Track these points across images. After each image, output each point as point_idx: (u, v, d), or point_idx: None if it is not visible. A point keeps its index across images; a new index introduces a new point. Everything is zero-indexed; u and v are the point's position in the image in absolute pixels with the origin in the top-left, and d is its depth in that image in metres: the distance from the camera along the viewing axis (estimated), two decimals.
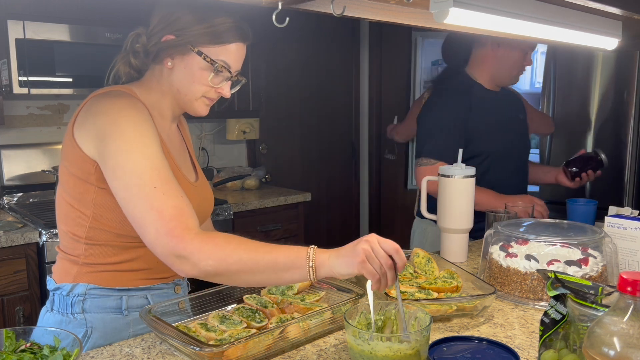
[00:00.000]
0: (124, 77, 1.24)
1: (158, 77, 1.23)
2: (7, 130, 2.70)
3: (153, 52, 1.19)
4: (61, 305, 1.23)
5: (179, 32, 1.17)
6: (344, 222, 4.32)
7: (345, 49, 4.17)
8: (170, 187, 1.08)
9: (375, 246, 0.99)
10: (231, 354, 1.01)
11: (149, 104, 1.22)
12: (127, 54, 1.22)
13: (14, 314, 2.21)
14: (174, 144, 1.30)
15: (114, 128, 1.10)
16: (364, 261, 0.98)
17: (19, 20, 2.27)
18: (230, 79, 1.23)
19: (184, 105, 1.25)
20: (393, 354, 0.90)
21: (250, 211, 2.93)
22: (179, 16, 1.17)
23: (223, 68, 1.19)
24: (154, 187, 1.06)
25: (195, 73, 1.19)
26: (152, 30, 1.19)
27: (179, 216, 1.05)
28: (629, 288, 0.72)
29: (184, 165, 1.32)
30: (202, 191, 1.34)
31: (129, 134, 1.10)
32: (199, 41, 1.17)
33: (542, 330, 0.93)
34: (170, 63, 1.19)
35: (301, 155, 4.01)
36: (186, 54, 1.18)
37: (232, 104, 3.15)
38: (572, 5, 1.29)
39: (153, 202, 1.05)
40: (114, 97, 1.16)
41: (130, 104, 1.15)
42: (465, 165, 1.72)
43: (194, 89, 1.21)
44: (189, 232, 1.04)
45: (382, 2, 1.20)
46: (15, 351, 0.95)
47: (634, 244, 1.52)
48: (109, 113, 1.13)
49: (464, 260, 1.75)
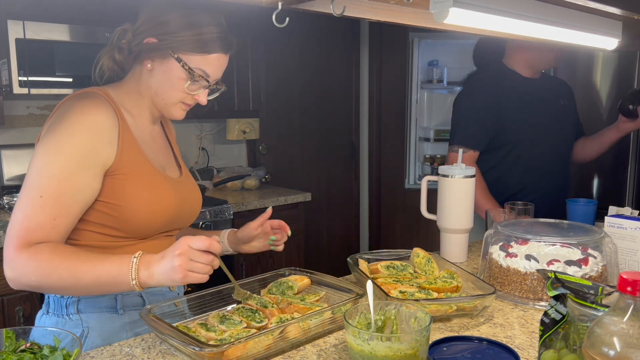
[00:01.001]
0: (108, 72, 1.24)
1: (138, 77, 1.23)
2: (7, 130, 2.70)
3: (135, 51, 1.20)
4: (56, 307, 1.23)
5: (161, 36, 1.17)
6: (344, 222, 4.32)
7: (345, 49, 4.17)
8: (56, 203, 1.09)
9: (190, 254, 1.03)
10: (231, 354, 1.01)
11: (126, 105, 1.23)
12: (112, 49, 1.22)
13: (14, 314, 2.21)
14: (155, 144, 1.30)
15: (51, 128, 1.14)
16: (186, 276, 1.03)
17: (19, 20, 2.27)
18: (207, 87, 1.24)
19: (161, 109, 1.25)
20: (393, 354, 0.90)
21: (250, 211, 2.93)
22: (166, 20, 1.17)
23: (200, 77, 1.20)
24: (40, 195, 1.08)
25: (173, 79, 1.19)
26: (137, 29, 1.19)
27: (34, 231, 1.07)
28: (629, 288, 0.72)
29: (168, 164, 1.33)
30: (186, 188, 1.34)
31: (55, 137, 1.11)
32: (180, 48, 1.17)
33: (542, 330, 0.93)
34: (150, 65, 1.20)
35: (301, 155, 4.01)
36: (166, 58, 1.18)
37: (232, 104, 3.15)
38: (572, 5, 1.29)
39: (27, 208, 1.08)
40: (79, 99, 1.17)
41: (86, 109, 1.14)
42: (466, 165, 1.72)
43: (171, 94, 1.21)
44: (25, 246, 1.06)
45: (382, 2, 1.20)
46: (15, 351, 0.95)
47: (634, 244, 1.52)
48: (60, 116, 1.15)
49: (464, 260, 1.75)
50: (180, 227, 1.36)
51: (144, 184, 1.20)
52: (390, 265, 1.48)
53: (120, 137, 1.18)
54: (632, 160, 2.89)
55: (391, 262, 1.50)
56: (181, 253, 1.03)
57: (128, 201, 1.17)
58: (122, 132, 1.19)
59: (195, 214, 1.38)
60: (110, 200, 1.17)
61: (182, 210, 1.30)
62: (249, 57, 3.17)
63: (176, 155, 1.40)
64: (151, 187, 1.22)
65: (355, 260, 1.50)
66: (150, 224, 1.22)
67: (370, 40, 4.18)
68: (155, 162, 1.27)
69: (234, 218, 2.82)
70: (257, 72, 3.25)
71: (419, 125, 4.17)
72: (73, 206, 1.11)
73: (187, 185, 1.35)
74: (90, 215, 1.17)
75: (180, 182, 1.32)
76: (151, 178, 1.23)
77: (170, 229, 1.31)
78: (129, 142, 1.20)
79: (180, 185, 1.31)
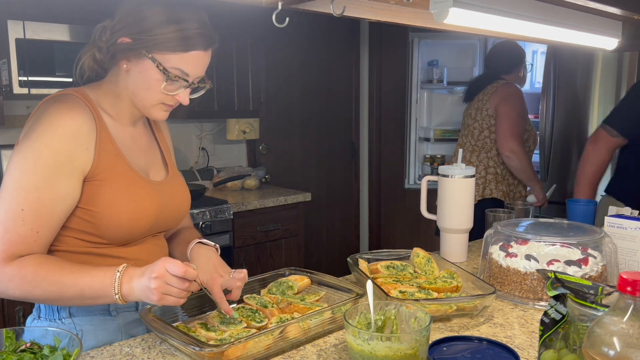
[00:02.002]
0: (88, 71, 1.19)
1: (115, 78, 1.19)
2: (7, 130, 2.70)
3: (111, 51, 1.14)
4: (47, 311, 1.21)
5: (136, 35, 1.11)
6: (344, 222, 4.32)
7: (345, 49, 4.16)
8: (37, 216, 1.07)
9: (167, 278, 1.02)
10: (231, 354, 1.01)
11: (104, 106, 1.19)
12: (92, 48, 1.17)
13: (14, 314, 2.21)
14: (136, 146, 1.25)
15: (27, 134, 1.10)
16: (162, 298, 1.03)
17: (19, 20, 2.27)
18: (188, 87, 1.17)
19: (140, 109, 1.21)
20: (393, 354, 0.90)
21: (250, 211, 2.93)
22: (142, 17, 1.11)
23: (177, 77, 1.14)
24: (21, 209, 1.06)
25: (148, 80, 1.14)
26: (114, 26, 1.13)
27: (17, 244, 1.06)
28: (629, 288, 0.72)
29: (152, 166, 1.29)
30: (170, 190, 1.29)
31: (31, 146, 1.08)
32: (155, 47, 1.11)
33: (542, 330, 0.93)
34: (126, 66, 1.15)
35: (301, 155, 4.01)
36: (141, 58, 1.13)
37: (232, 104, 3.15)
38: (572, 5, 1.29)
39: (7, 221, 1.06)
40: (55, 103, 1.13)
41: (62, 114, 1.10)
42: (465, 165, 1.72)
43: (148, 96, 1.16)
44: (9, 259, 1.06)
45: (382, 2, 1.20)
46: (15, 351, 0.95)
47: (634, 244, 1.52)
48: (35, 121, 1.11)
49: (464, 260, 1.75)
50: (165, 229, 1.32)
51: (122, 190, 1.16)
52: (390, 265, 1.48)
53: (97, 141, 1.14)
54: None
55: (391, 262, 1.50)
56: (157, 276, 1.02)
57: (106, 207, 1.14)
58: (99, 136, 1.15)
59: (182, 215, 1.34)
60: (88, 207, 1.14)
61: (164, 214, 1.25)
62: (249, 57, 3.17)
63: (164, 155, 1.35)
64: (129, 193, 1.17)
65: (355, 260, 1.50)
66: (129, 231, 1.18)
67: (370, 40, 4.18)
68: (136, 165, 1.22)
69: (234, 218, 2.82)
70: (257, 72, 3.25)
71: (419, 125, 4.17)
72: (54, 216, 1.09)
73: (172, 186, 1.31)
74: (70, 222, 1.15)
75: (164, 185, 1.27)
76: (129, 183, 1.18)
77: (154, 232, 1.28)
78: (106, 146, 1.16)
79: (163, 188, 1.26)
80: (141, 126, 1.30)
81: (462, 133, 2.88)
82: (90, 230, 1.15)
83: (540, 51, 3.81)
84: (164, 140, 1.38)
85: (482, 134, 2.72)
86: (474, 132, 2.76)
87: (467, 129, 2.83)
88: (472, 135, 2.76)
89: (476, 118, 2.76)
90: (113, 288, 1.05)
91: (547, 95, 3.16)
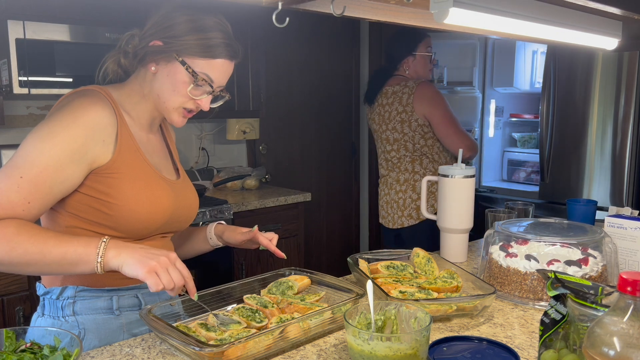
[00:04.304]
0: (111, 74, 1.25)
1: (141, 80, 1.24)
2: (7, 130, 2.70)
3: (140, 54, 1.20)
4: (52, 309, 1.23)
5: (167, 39, 1.18)
6: (344, 222, 4.32)
7: (345, 49, 4.17)
8: (34, 189, 1.08)
9: (170, 266, 1.05)
10: (231, 354, 1.01)
11: (126, 106, 1.24)
12: (118, 53, 1.24)
13: (14, 314, 2.21)
14: (152, 147, 1.31)
15: (48, 118, 1.15)
16: (150, 272, 1.03)
17: (19, 20, 2.27)
18: (211, 93, 1.24)
19: (162, 111, 1.26)
20: (393, 354, 0.90)
21: (250, 211, 2.93)
22: (174, 23, 1.18)
23: (204, 82, 1.20)
24: (20, 176, 1.08)
25: (176, 82, 1.20)
26: (145, 33, 1.21)
27: (3, 207, 1.06)
28: (629, 288, 0.73)
29: (165, 167, 1.33)
30: (183, 191, 1.34)
31: (50, 127, 1.12)
32: (186, 51, 1.18)
33: (542, 330, 0.93)
34: (154, 68, 1.21)
35: (301, 155, 4.01)
36: (170, 61, 1.19)
37: (232, 104, 3.15)
38: (572, 5, 1.29)
39: (2, 182, 1.07)
40: (80, 96, 1.18)
41: (84, 106, 1.15)
42: (465, 165, 1.72)
43: (173, 98, 1.22)
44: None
45: (382, 2, 1.20)
46: (15, 351, 0.95)
47: (634, 244, 1.52)
48: (58, 109, 1.16)
49: (464, 260, 1.75)
50: (176, 229, 1.35)
51: (142, 184, 1.21)
52: (390, 265, 1.48)
53: (118, 136, 1.19)
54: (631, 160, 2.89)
55: (391, 262, 1.50)
56: (164, 261, 1.04)
57: (126, 200, 1.17)
58: (120, 132, 1.19)
59: (192, 217, 1.38)
60: (107, 199, 1.17)
61: (179, 212, 1.30)
62: (249, 57, 3.17)
63: (174, 159, 1.41)
64: (149, 188, 1.22)
65: (355, 260, 1.50)
66: (146, 224, 1.22)
67: (370, 40, 4.17)
68: (153, 163, 1.27)
69: (234, 218, 2.82)
70: (257, 72, 3.25)
71: None
72: (49, 194, 1.11)
73: (184, 188, 1.36)
74: (86, 214, 1.18)
75: (177, 185, 1.33)
76: (149, 178, 1.23)
77: (166, 231, 1.31)
78: (127, 142, 1.21)
79: (177, 188, 1.31)
80: (156, 132, 1.36)
81: (381, 144, 2.70)
82: (106, 222, 1.18)
83: (540, 51, 3.81)
84: (173, 146, 1.44)
85: (418, 143, 2.59)
86: (407, 144, 2.60)
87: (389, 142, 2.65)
88: (406, 147, 2.60)
89: (404, 131, 2.59)
90: (97, 250, 1.05)
91: (547, 95, 3.16)
